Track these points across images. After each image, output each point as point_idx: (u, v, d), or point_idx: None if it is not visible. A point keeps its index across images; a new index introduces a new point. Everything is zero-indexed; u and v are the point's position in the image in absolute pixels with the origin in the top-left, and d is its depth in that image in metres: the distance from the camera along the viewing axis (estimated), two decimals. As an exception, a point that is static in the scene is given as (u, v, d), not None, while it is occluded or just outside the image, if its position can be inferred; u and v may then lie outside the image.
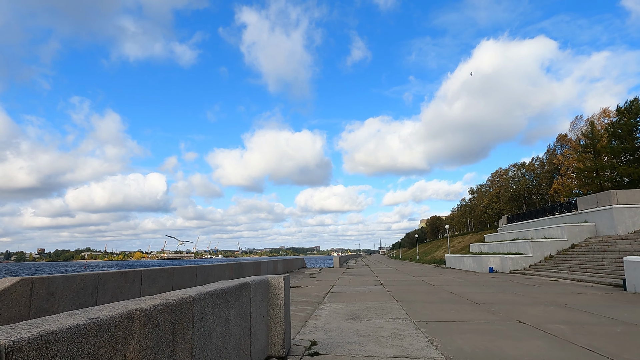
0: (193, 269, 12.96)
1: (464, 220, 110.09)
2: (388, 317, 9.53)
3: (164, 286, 10.91)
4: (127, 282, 9.12)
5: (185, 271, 12.39)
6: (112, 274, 8.63)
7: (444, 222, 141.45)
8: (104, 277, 8.28)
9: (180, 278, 11.94)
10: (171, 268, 11.41)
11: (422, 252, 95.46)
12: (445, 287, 17.96)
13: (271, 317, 5.62)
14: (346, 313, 10.19)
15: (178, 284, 11.77)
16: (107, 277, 8.37)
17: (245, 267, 19.19)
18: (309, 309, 11.13)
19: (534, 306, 11.41)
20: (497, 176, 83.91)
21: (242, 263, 18.50)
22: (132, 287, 9.28)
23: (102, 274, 8.21)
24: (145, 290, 9.87)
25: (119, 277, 8.79)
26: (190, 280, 12.68)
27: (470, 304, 11.82)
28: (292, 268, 32.92)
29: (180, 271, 11.98)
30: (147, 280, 10.03)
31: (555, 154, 55.33)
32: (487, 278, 23.98)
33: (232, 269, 16.92)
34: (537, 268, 28.31)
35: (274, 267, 25.70)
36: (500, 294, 14.95)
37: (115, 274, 8.70)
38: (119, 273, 8.81)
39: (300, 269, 35.95)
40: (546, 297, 13.78)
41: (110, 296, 8.44)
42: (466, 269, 35.25)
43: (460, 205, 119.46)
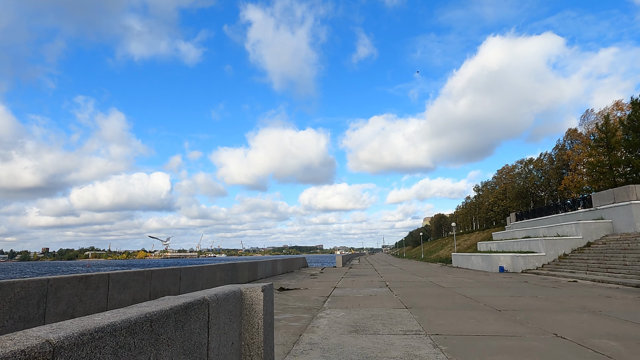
0: (176, 270, 11.54)
1: (469, 218, 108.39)
2: (398, 329, 8.07)
3: (139, 292, 9.50)
4: (89, 289, 7.70)
5: (167, 274, 10.98)
6: (67, 279, 7.22)
7: (448, 220, 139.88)
8: (56, 283, 6.86)
9: (160, 282, 10.52)
10: (149, 271, 9.99)
11: (427, 251, 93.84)
12: (456, 289, 16.48)
13: (245, 342, 4.19)
14: (348, 323, 8.74)
15: (157, 289, 10.36)
16: (61, 283, 6.96)
17: (240, 268, 17.77)
18: (306, 317, 9.69)
19: (564, 313, 9.92)
20: (503, 173, 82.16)
21: (236, 264, 17.09)
22: (95, 295, 7.86)
23: (53, 279, 6.80)
24: (113, 297, 8.45)
25: (77, 282, 7.37)
26: (172, 284, 11.27)
27: (491, 311, 10.34)
28: (293, 268, 31.51)
29: (160, 274, 10.57)
30: (117, 285, 8.61)
31: (564, 150, 53.60)
32: (499, 278, 22.48)
33: (224, 271, 15.50)
34: (551, 267, 26.77)
35: (273, 268, 24.29)
36: (520, 297, 13.47)
37: (72, 279, 7.29)
38: (77, 278, 7.39)
39: (301, 269, 34.53)
40: (573, 301, 12.28)
41: (64, 306, 7.03)
42: (475, 268, 33.73)
43: (465, 203, 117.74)
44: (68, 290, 7.15)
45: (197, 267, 13.16)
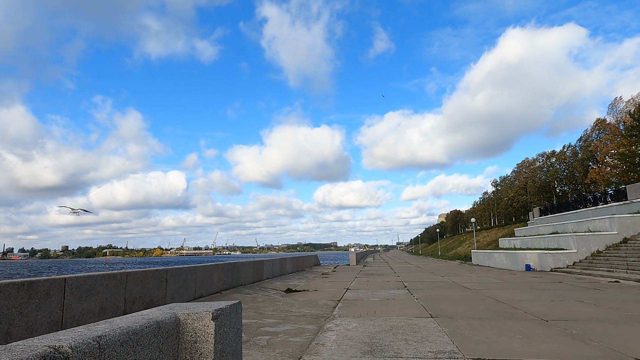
0: (162, 272, 9.95)
1: (488, 214, 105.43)
2: (426, 348, 6.30)
3: (110, 299, 7.91)
4: (35, 298, 6.12)
5: (150, 276, 9.38)
6: (4, 285, 5.65)
7: (465, 216, 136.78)
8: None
9: (139, 286, 8.93)
10: (124, 273, 8.40)
11: (444, 248, 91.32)
12: (485, 291, 14.59)
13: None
14: (362, 339, 7.00)
15: (135, 295, 8.76)
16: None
17: (243, 268, 16.17)
18: (311, 329, 7.99)
19: (629, 325, 8.01)
20: (523, 167, 79.12)
21: (237, 263, 15.48)
22: (44, 305, 6.28)
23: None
24: (72, 307, 6.87)
25: (14, 290, 5.79)
26: (156, 288, 9.68)
27: (537, 322, 8.48)
28: (304, 266, 29.87)
29: (139, 277, 8.98)
30: (77, 292, 7.02)
31: (591, 141, 50.72)
32: (529, 278, 20.45)
33: (222, 272, 13.90)
34: (584, 266, 24.55)
35: (281, 266, 22.66)
36: (563, 302, 11.54)
37: (9, 286, 5.71)
38: (14, 284, 5.81)
39: (312, 267, 32.88)
40: (630, 307, 10.32)
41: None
42: (498, 266, 31.59)
43: (482, 198, 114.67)
44: (1, 302, 5.58)
45: (189, 267, 11.57)
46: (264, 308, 10.79)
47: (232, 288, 14.61)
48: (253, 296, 13.42)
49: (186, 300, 11.22)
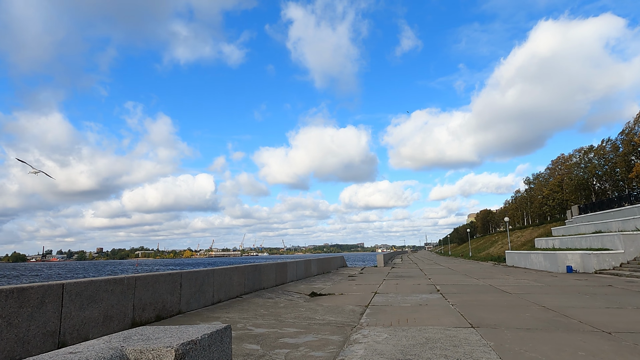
0: (175, 276, 9.28)
1: (520, 213, 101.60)
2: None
3: (116, 306, 7.26)
4: (26, 307, 5.49)
5: (162, 280, 8.72)
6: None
7: (496, 216, 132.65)
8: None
9: (149, 292, 8.27)
10: (132, 277, 7.76)
11: (474, 248, 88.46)
12: (527, 296, 13.30)
13: None
14: (394, 355, 6.06)
15: (145, 301, 8.11)
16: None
17: (265, 270, 15.43)
18: (336, 341, 7.10)
19: None
20: (558, 163, 75.58)
21: (259, 265, 14.76)
22: (38, 315, 5.65)
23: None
24: (71, 316, 6.24)
25: (2, 299, 5.18)
26: (169, 293, 9.02)
27: (598, 334, 7.30)
28: (330, 268, 28.99)
29: (150, 281, 8.33)
30: (77, 299, 6.38)
31: (634, 134, 47.61)
32: (572, 281, 18.86)
33: (243, 275, 13.19)
34: (633, 267, 22.62)
35: (306, 269, 21.86)
36: (621, 310, 10.21)
37: None
38: (3, 293, 5.20)
39: (339, 269, 31.95)
40: None
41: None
42: (535, 267, 29.77)
43: (514, 197, 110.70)
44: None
45: (206, 270, 10.89)
46: (285, 315, 9.98)
47: (253, 292, 13.90)
48: (275, 301, 12.64)
49: (203, 306, 10.55)
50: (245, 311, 10.32)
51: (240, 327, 8.19)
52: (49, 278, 66.71)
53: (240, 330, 7.89)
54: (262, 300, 12.46)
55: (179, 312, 9.35)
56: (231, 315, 9.56)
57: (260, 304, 11.66)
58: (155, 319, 8.40)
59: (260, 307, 11.05)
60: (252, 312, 10.16)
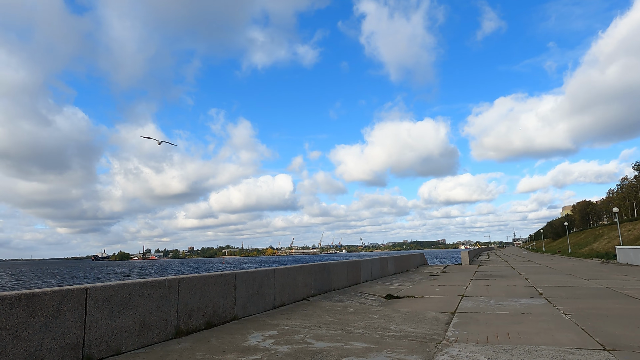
0: (228, 277, 8.25)
1: (628, 203, 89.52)
2: None
3: (156, 313, 6.33)
4: (37, 316, 4.66)
5: (210, 282, 7.72)
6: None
7: (597, 207, 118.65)
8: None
9: (196, 295, 7.29)
10: (174, 280, 6.81)
11: (574, 244, 79.36)
12: (666, 303, 10.38)
13: None
14: (499, 393, 4.29)
15: (192, 306, 7.13)
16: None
17: (335, 270, 14.08)
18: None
19: None
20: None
21: (327, 264, 13.44)
22: (53, 325, 4.81)
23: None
24: (98, 324, 5.36)
25: (6, 308, 4.36)
26: (222, 296, 7.99)
27: None
28: (408, 266, 26.91)
29: (197, 283, 7.34)
30: (106, 305, 5.50)
31: None
32: None
33: (309, 275, 11.95)
34: None
35: (382, 267, 20.16)
36: None
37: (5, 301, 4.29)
38: (6, 300, 4.38)
39: (419, 267, 29.68)
40: None
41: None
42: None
43: (620, 185, 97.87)
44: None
45: (266, 270, 9.78)
46: (354, 323, 8.50)
47: (321, 293, 12.62)
48: (345, 305, 11.21)
49: (263, 310, 9.45)
50: (309, 317, 9.02)
51: (298, 339, 6.88)
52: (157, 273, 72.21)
53: (297, 343, 6.57)
54: (330, 304, 11.10)
55: (234, 317, 8.32)
56: (292, 323, 8.32)
57: (327, 309, 10.30)
58: (205, 326, 7.41)
59: (326, 313, 9.69)
60: (317, 319, 8.83)
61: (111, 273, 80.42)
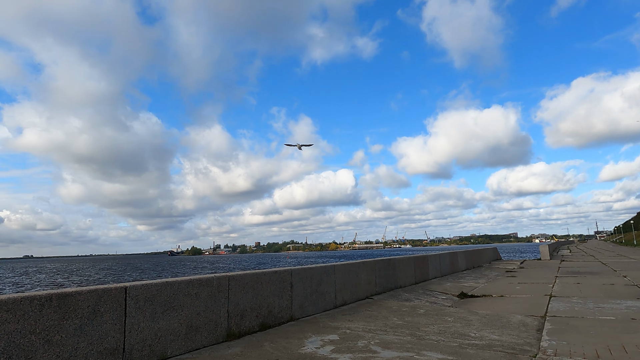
0: (283, 274, 7.57)
1: None
2: None
3: (204, 313, 5.80)
4: (70, 318, 4.24)
5: (263, 280, 7.08)
6: (13, 302, 3.86)
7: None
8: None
9: (248, 294, 6.68)
10: (223, 277, 6.23)
11: (672, 236, 70.39)
12: None
13: None
14: None
15: (244, 306, 6.54)
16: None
17: (400, 265, 13.01)
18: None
19: None
20: None
21: (392, 260, 12.42)
22: (89, 328, 4.35)
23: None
24: (140, 327, 4.89)
25: (36, 309, 3.96)
26: (277, 295, 7.34)
27: None
28: (480, 261, 24.93)
29: (249, 281, 6.73)
30: (148, 306, 5.03)
31: None
32: None
33: (372, 271, 11.01)
34: None
35: (452, 262, 18.66)
36: None
37: (22, 302, 3.89)
38: (35, 300, 3.98)
39: (492, 262, 27.46)
40: None
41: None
42: None
43: None
44: (10, 325, 3.75)
45: (325, 266, 9.00)
46: (425, 327, 7.45)
47: (386, 291, 11.63)
48: (413, 304, 10.14)
49: (323, 310, 8.69)
50: (373, 319, 8.11)
51: (361, 346, 6.01)
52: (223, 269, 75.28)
53: (360, 351, 5.71)
54: (396, 304, 10.09)
55: (291, 318, 7.63)
56: (354, 325, 7.46)
57: (393, 309, 9.31)
58: (259, 327, 6.79)
59: (393, 314, 8.71)
60: (382, 321, 7.89)
61: (198, 267, 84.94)
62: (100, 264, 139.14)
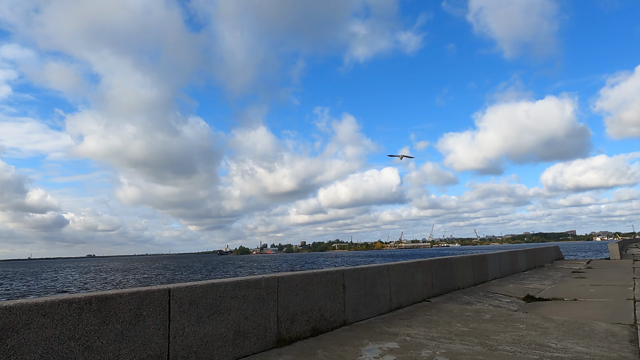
0: (335, 275, 7.03)
1: None
2: None
3: (252, 317, 5.38)
4: (113, 322, 3.92)
5: (314, 281, 6.58)
6: (50, 305, 3.57)
7: None
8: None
9: (299, 297, 6.20)
10: (272, 278, 5.79)
11: None
12: None
13: None
14: None
15: (294, 309, 6.06)
16: (21, 315, 3.33)
17: (458, 265, 12.11)
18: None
19: None
20: None
21: (449, 259, 11.55)
22: (130, 333, 4.04)
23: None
24: (185, 332, 4.54)
25: (74, 313, 3.65)
26: (328, 297, 6.81)
27: None
28: (542, 261, 23.18)
29: (299, 282, 6.26)
30: (193, 309, 4.68)
31: None
32: None
33: (429, 271, 10.24)
34: None
35: (512, 262, 17.35)
36: None
37: (60, 305, 3.61)
38: (74, 303, 3.69)
39: (554, 262, 25.51)
40: None
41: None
42: None
43: None
44: (48, 331, 3.47)
45: (378, 266, 8.36)
46: (495, 335, 6.64)
47: (444, 293, 10.79)
48: (475, 308, 9.27)
49: (377, 314, 8.07)
50: (434, 324, 7.39)
51: (426, 356, 5.35)
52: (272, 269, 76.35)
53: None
54: (457, 307, 9.26)
55: (344, 322, 7.08)
56: (414, 332, 6.79)
57: (455, 313, 8.51)
58: (311, 332, 6.29)
59: (455, 319, 7.93)
60: (444, 327, 7.15)
61: (257, 268, 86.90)
62: (155, 263, 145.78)
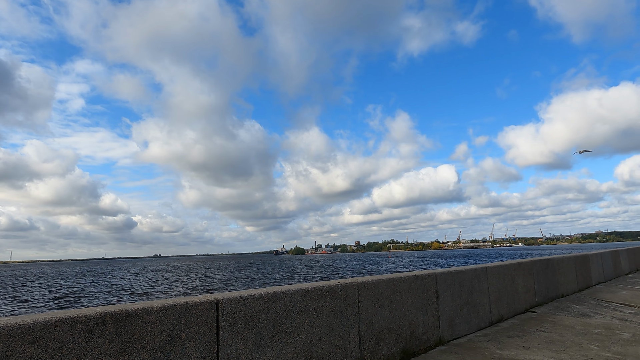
0: (425, 279, 5.47)
1: None
2: None
3: (327, 337, 3.99)
4: (146, 338, 2.65)
5: (401, 288, 5.08)
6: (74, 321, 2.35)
7: None
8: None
9: (384, 310, 4.75)
10: (352, 285, 4.37)
11: None
12: None
13: None
14: None
15: (379, 325, 4.61)
16: None
17: (561, 267, 10.02)
18: None
19: None
20: None
21: (551, 260, 9.51)
22: (175, 356, 2.75)
23: None
24: (237, 355, 3.20)
25: (97, 332, 2.40)
26: (419, 308, 5.27)
27: None
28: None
29: (383, 290, 4.80)
30: (249, 328, 3.36)
31: None
32: None
33: (529, 274, 8.33)
34: None
35: (614, 264, 14.70)
36: None
37: (73, 324, 2.35)
38: (109, 317, 2.43)
39: (657, 264, 21.95)
40: None
41: None
42: None
43: None
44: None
45: (475, 269, 6.68)
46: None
47: (548, 302, 8.81)
48: (600, 323, 7.26)
49: (477, 329, 6.39)
50: (560, 346, 5.60)
51: (579, 401, 3.66)
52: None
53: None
54: (574, 321, 7.32)
55: (439, 341, 5.50)
56: (538, 357, 5.07)
57: (577, 330, 6.61)
58: (401, 355, 4.80)
59: (583, 338, 6.06)
60: (577, 351, 5.35)
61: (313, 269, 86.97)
62: (215, 262, 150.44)
